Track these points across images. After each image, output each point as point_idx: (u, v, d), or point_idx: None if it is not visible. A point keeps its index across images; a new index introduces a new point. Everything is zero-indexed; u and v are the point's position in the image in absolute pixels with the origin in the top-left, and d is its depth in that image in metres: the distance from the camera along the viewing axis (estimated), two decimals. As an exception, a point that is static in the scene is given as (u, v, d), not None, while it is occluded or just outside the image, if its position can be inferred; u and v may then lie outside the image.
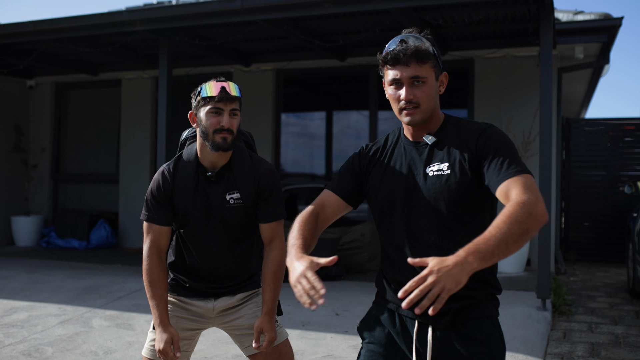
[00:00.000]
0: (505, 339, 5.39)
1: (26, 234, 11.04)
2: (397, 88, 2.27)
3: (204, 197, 2.88)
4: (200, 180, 2.90)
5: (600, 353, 5.34)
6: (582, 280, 8.86)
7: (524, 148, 8.52)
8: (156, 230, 2.88)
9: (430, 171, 2.26)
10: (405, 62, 2.22)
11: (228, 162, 2.91)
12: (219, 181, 2.89)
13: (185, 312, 3.01)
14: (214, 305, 2.99)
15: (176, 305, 3.01)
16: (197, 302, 3.00)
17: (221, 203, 2.88)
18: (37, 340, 5.43)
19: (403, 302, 1.83)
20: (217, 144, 2.78)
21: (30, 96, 11.80)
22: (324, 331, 5.69)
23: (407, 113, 2.26)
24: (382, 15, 7.30)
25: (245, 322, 2.99)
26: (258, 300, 3.04)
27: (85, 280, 7.70)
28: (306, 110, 11.16)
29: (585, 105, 15.22)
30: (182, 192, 2.88)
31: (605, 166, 10.67)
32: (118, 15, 7.79)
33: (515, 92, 8.87)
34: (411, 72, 2.22)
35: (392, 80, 2.26)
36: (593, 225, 10.76)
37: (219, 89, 2.76)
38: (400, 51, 2.22)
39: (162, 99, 7.84)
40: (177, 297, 3.02)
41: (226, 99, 2.76)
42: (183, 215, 2.89)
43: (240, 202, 2.88)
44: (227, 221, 2.89)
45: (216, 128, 2.77)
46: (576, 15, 9.08)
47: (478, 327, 2.22)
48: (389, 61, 2.25)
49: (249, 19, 7.22)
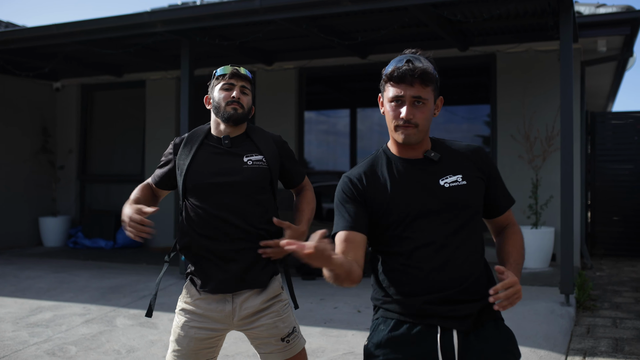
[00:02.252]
0: (528, 335, 5.40)
1: (54, 234, 11.20)
2: (398, 106, 2.30)
3: (211, 159, 2.96)
4: (209, 145, 3.01)
5: (624, 348, 5.28)
6: (609, 275, 8.77)
7: (547, 142, 8.44)
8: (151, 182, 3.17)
9: (446, 183, 2.34)
10: (410, 82, 2.26)
11: (244, 132, 3.06)
12: (234, 146, 2.99)
13: (202, 321, 2.94)
14: (233, 310, 2.93)
15: (194, 314, 2.95)
16: (214, 307, 2.93)
17: (236, 163, 2.94)
18: (61, 339, 5.52)
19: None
20: (228, 114, 2.96)
21: (57, 98, 11.96)
22: (346, 328, 5.71)
23: (403, 131, 2.30)
24: (400, 12, 7.28)
25: (265, 332, 2.96)
26: (279, 309, 2.98)
27: (110, 280, 7.80)
28: (330, 108, 11.19)
29: (611, 99, 15.02)
30: (184, 157, 2.99)
31: (632, 160, 10.53)
32: (139, 17, 7.86)
33: (537, 86, 8.80)
34: (414, 92, 2.27)
35: (395, 97, 2.29)
36: (620, 219, 10.62)
37: (231, 69, 3.03)
38: (408, 71, 2.26)
39: (184, 98, 7.91)
40: (194, 303, 2.96)
41: (237, 76, 3.01)
42: (185, 177, 2.95)
43: (263, 163, 2.97)
44: (245, 180, 2.93)
45: (228, 100, 2.97)
46: (598, 8, 8.97)
47: (496, 327, 2.32)
48: (394, 78, 2.28)
49: (267, 19, 7.25)
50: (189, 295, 2.99)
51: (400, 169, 2.37)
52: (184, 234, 2.98)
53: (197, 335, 2.93)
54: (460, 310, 2.24)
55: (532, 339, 5.31)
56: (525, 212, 8.48)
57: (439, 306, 2.24)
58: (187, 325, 2.94)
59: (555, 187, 8.27)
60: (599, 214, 10.78)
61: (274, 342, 2.96)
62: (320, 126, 10.83)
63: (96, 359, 5.03)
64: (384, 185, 2.35)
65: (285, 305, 3.02)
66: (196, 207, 2.93)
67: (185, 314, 2.97)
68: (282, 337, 2.95)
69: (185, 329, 2.94)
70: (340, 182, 2.43)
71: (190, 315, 2.96)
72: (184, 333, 2.94)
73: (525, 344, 5.17)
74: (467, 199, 2.32)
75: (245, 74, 3.03)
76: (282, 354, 2.98)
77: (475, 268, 2.31)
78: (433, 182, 2.33)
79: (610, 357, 5.06)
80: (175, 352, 2.95)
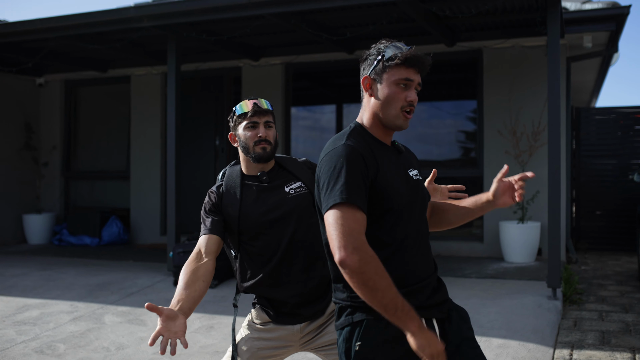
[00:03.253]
0: (517, 328, 5.43)
1: (38, 231, 11.11)
2: (405, 89, 2.26)
3: (257, 198, 2.94)
4: (250, 186, 2.98)
5: (611, 341, 5.33)
6: (593, 269, 8.84)
7: (534, 138, 8.50)
8: (205, 237, 2.88)
9: (414, 175, 2.39)
10: (420, 69, 2.26)
11: (275, 164, 3.07)
12: (272, 180, 3.00)
13: (267, 340, 2.95)
14: (301, 328, 2.93)
15: (259, 330, 2.95)
16: (283, 327, 2.94)
17: (281, 196, 2.95)
18: (49, 337, 5.48)
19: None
20: (258, 155, 2.96)
21: (40, 94, 11.85)
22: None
23: (403, 116, 2.29)
24: (389, 7, 7.28)
25: (332, 336, 2.92)
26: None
27: (97, 277, 7.75)
28: (316, 103, 11.16)
29: (595, 94, 15.15)
30: (230, 205, 2.94)
31: (616, 155, 10.63)
32: (125, 11, 7.80)
33: (524, 82, 8.84)
34: (419, 80, 2.28)
35: (405, 79, 2.25)
36: (604, 214, 10.73)
37: (252, 105, 2.99)
38: (421, 58, 2.24)
39: (170, 94, 7.87)
40: (262, 323, 2.96)
41: (259, 113, 2.99)
42: (239, 222, 2.90)
43: (303, 189, 2.98)
44: (292, 212, 2.90)
45: (255, 140, 2.95)
46: (584, 4, 9.04)
47: (459, 308, 2.43)
48: (408, 60, 2.23)
49: (255, 13, 7.23)
50: (259, 317, 2.98)
51: (385, 151, 2.33)
52: (244, 275, 2.97)
53: (260, 353, 2.93)
54: (437, 298, 2.32)
55: (521, 332, 5.35)
56: (511, 207, 8.53)
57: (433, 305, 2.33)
58: (252, 341, 2.95)
59: (541, 182, 8.32)
60: (583, 209, 10.88)
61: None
62: (307, 122, 10.81)
63: (85, 357, 4.99)
64: (384, 165, 2.26)
65: None
66: (253, 248, 2.93)
67: (251, 330, 2.98)
68: None
69: (250, 343, 2.94)
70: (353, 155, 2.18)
71: (255, 333, 2.97)
72: (247, 347, 2.94)
73: (514, 338, 5.21)
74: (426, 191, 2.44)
75: (267, 107, 3.01)
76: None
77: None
78: (406, 172, 2.37)
79: (598, 350, 5.10)
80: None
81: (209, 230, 2.88)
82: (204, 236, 2.87)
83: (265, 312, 2.94)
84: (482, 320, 5.64)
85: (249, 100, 3.01)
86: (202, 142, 10.51)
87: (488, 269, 7.89)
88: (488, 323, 5.57)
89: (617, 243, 10.61)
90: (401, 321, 2.04)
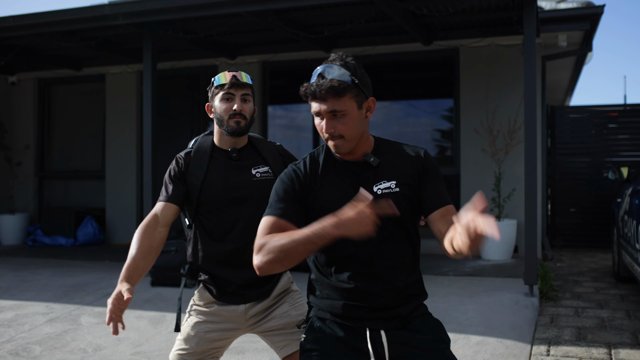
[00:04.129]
0: (494, 325, 5.46)
1: (12, 232, 10.97)
2: (321, 119, 2.30)
3: (222, 173, 2.90)
4: (217, 159, 2.94)
5: (587, 337, 5.38)
6: (569, 266, 8.93)
7: (510, 136, 8.56)
8: (163, 205, 2.85)
9: (379, 189, 2.33)
10: (321, 97, 2.25)
11: (248, 143, 3.02)
12: (241, 159, 2.95)
13: (214, 322, 2.90)
14: (245, 309, 2.89)
15: (205, 314, 2.91)
16: (227, 307, 2.90)
17: (245, 176, 2.91)
18: (24, 339, 5.40)
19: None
20: (231, 128, 2.89)
21: (13, 92, 11.70)
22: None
23: (333, 144, 2.32)
24: (366, 5, 7.29)
25: (278, 322, 2.91)
26: (290, 299, 2.95)
27: (72, 278, 7.66)
28: (293, 102, 11.14)
29: (569, 93, 15.31)
30: (195, 174, 2.90)
31: (590, 153, 10.74)
32: (100, 9, 7.72)
33: (500, 80, 8.90)
34: (329, 107, 2.25)
35: (315, 112, 2.30)
36: (579, 211, 10.84)
37: (230, 77, 2.91)
38: (317, 87, 2.25)
39: (147, 93, 7.80)
40: (206, 305, 2.92)
41: (237, 85, 2.91)
42: (199, 193, 2.87)
43: (270, 174, 2.93)
44: (254, 195, 2.88)
45: (230, 113, 2.89)
46: (559, 3, 9.13)
47: (423, 321, 2.38)
48: (308, 96, 2.29)
49: (232, 11, 7.19)
50: (202, 299, 2.94)
51: (339, 168, 2.38)
52: (195, 250, 2.93)
53: (208, 335, 2.89)
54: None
55: (499, 329, 5.38)
56: (488, 205, 8.58)
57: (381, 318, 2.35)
58: (198, 325, 2.90)
59: (517, 180, 8.39)
60: (558, 206, 10.99)
61: (289, 331, 2.90)
62: (284, 121, 10.79)
63: (62, 358, 4.93)
64: (324, 182, 2.37)
65: (297, 294, 3.00)
66: (208, 222, 2.89)
67: (198, 315, 2.93)
68: (298, 324, 2.88)
69: (196, 328, 2.90)
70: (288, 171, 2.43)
71: (202, 316, 2.92)
72: (194, 332, 2.89)
73: (492, 334, 5.24)
74: (398, 207, 2.22)
75: (246, 81, 2.94)
76: (299, 342, 2.93)
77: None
78: (368, 187, 2.32)
79: (574, 346, 5.15)
80: (180, 350, 2.90)
81: (169, 199, 2.85)
82: (163, 203, 2.84)
83: (209, 290, 2.91)
84: (461, 317, 5.67)
85: (229, 72, 2.94)
86: (179, 141, 10.43)
87: (465, 267, 7.93)
88: (466, 320, 5.59)
89: (592, 240, 10.74)
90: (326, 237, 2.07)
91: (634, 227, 6.22)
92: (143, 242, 2.74)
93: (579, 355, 4.92)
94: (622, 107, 10.84)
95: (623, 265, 7.27)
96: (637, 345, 5.14)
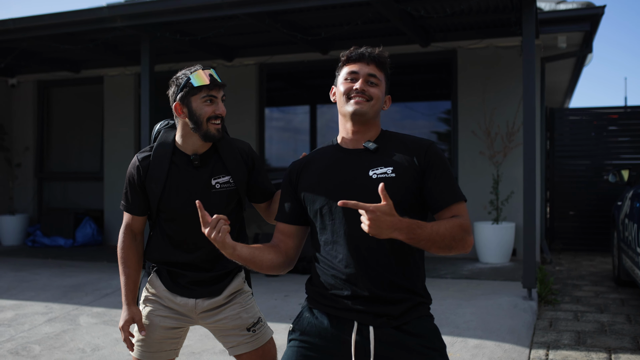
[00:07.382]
0: (492, 329, 5.44)
1: (11, 233, 10.98)
2: (351, 82, 2.39)
3: (182, 184, 2.81)
4: (178, 166, 2.82)
5: (586, 341, 5.36)
6: (568, 270, 8.91)
7: (508, 139, 8.54)
8: (130, 217, 2.91)
9: (374, 174, 2.31)
10: (367, 61, 2.39)
11: (211, 147, 2.87)
12: (202, 166, 2.83)
13: (167, 310, 2.91)
14: (196, 304, 2.89)
15: (158, 303, 2.92)
16: (178, 300, 2.89)
17: (204, 188, 2.81)
18: (24, 338, 5.40)
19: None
20: (210, 134, 2.76)
21: (13, 95, 11.71)
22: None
23: (356, 101, 2.35)
24: (363, 7, 7.28)
25: (229, 323, 2.92)
26: (242, 300, 2.95)
27: (71, 278, 7.66)
28: (290, 104, 11.13)
29: (569, 95, 15.28)
30: (154, 181, 2.81)
31: (589, 155, 10.70)
32: (98, 11, 7.71)
33: (498, 82, 8.88)
34: (370, 70, 2.39)
35: (350, 72, 2.40)
36: (578, 214, 10.80)
37: (208, 77, 2.74)
38: (366, 51, 2.41)
39: (144, 95, 7.79)
40: (159, 294, 2.92)
41: (218, 86, 2.76)
42: (159, 203, 2.83)
43: (230, 185, 2.84)
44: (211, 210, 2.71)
45: (210, 116, 2.73)
46: (558, 4, 9.10)
47: (419, 324, 2.32)
48: (352, 57, 2.41)
49: (230, 13, 7.18)
50: (154, 287, 2.93)
51: (336, 158, 2.42)
52: (154, 250, 2.92)
53: (162, 323, 2.90)
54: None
55: (497, 332, 5.36)
56: (486, 208, 8.57)
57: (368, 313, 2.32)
58: (153, 314, 2.90)
59: (515, 183, 8.37)
60: (557, 209, 10.95)
61: (239, 332, 2.91)
62: (281, 123, 10.78)
63: (61, 358, 4.93)
64: (314, 173, 2.43)
65: (248, 296, 2.98)
66: (168, 228, 2.87)
67: (150, 304, 2.93)
68: (248, 327, 2.91)
69: (151, 317, 2.90)
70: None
71: (155, 305, 2.92)
72: (149, 322, 2.89)
73: (490, 338, 5.22)
74: (390, 192, 2.13)
75: (221, 81, 2.79)
76: (249, 344, 2.93)
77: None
78: (362, 172, 2.33)
79: (573, 350, 5.13)
80: (139, 341, 2.90)
81: (134, 211, 2.88)
82: (131, 216, 2.88)
83: (161, 279, 2.91)
84: (458, 320, 5.65)
85: (203, 71, 2.76)
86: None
87: (463, 270, 7.91)
88: (464, 324, 5.58)
89: (591, 243, 10.70)
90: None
91: (634, 231, 6.20)
92: (131, 259, 2.88)
93: (578, 359, 4.90)
94: (622, 109, 10.81)
95: (623, 269, 7.25)
96: (638, 350, 5.11)
